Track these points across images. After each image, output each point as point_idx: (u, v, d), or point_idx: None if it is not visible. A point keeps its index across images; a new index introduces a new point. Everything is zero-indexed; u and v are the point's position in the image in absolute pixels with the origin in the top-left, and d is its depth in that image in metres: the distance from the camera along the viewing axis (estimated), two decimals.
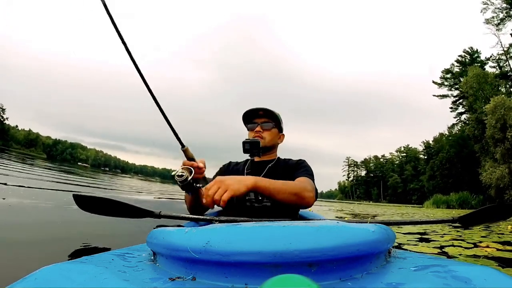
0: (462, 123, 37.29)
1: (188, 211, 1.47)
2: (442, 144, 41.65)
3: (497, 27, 28.82)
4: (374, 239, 0.69)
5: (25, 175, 7.00)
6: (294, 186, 1.19)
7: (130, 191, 8.12)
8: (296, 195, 1.16)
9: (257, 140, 1.35)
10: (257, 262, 0.59)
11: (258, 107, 1.55)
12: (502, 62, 30.08)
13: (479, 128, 26.29)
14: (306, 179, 1.32)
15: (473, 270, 0.61)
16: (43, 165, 16.40)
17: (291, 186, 1.17)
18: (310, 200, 1.21)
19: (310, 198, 1.20)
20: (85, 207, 1.31)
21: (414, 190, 61.67)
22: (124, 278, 0.60)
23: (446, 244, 2.82)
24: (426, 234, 3.58)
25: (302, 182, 1.28)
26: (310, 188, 1.23)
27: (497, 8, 28.31)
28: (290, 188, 1.16)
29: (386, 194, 76.68)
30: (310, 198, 1.20)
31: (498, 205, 1.13)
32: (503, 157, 22.31)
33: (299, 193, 1.17)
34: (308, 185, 1.24)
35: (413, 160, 68.96)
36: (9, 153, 27.96)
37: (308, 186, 1.24)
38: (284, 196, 1.13)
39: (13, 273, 1.02)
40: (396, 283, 0.60)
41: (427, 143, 58.06)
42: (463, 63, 36.61)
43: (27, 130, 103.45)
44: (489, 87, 27.02)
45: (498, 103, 22.05)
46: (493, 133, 22.71)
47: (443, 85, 38.35)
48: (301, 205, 1.22)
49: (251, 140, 1.35)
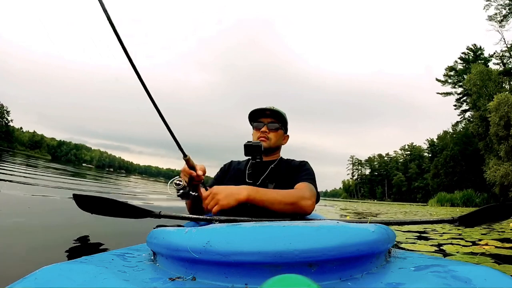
0: (466, 120, 37.02)
1: (189, 212, 1.47)
2: (447, 142, 41.39)
3: (500, 24, 28.61)
4: (374, 239, 0.69)
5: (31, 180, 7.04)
6: (291, 196, 1.17)
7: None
8: (292, 204, 1.14)
9: (259, 143, 1.33)
10: (257, 262, 0.59)
11: (266, 106, 1.53)
12: (506, 58, 29.86)
13: (483, 126, 26.10)
14: (306, 185, 1.29)
15: (473, 270, 0.61)
16: (46, 165, 16.50)
17: (288, 196, 1.15)
18: (307, 209, 1.18)
19: (307, 206, 1.18)
20: (85, 207, 1.32)
21: (419, 188, 61.32)
22: (124, 278, 0.61)
23: (444, 242, 2.81)
24: (426, 232, 3.58)
25: (301, 189, 1.25)
26: (308, 196, 1.20)
27: (500, 5, 28.11)
28: (286, 198, 1.14)
29: (391, 192, 76.28)
30: (307, 207, 1.18)
31: (498, 205, 1.13)
32: (507, 155, 22.15)
33: (296, 202, 1.15)
34: (307, 192, 1.22)
35: (417, 158, 68.68)
36: (14, 155, 28.17)
37: (306, 193, 1.21)
38: (280, 207, 1.12)
39: (13, 273, 1.03)
40: (396, 283, 0.60)
41: (431, 141, 57.93)
42: (466, 60, 36.35)
43: (31, 132, 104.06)
44: (493, 84, 26.81)
45: (501, 100, 21.90)
46: (497, 131, 22.57)
47: (446, 82, 38.11)
48: (298, 213, 1.19)
49: (253, 143, 1.33)
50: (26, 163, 14.62)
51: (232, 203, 1.06)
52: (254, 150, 1.32)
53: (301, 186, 1.28)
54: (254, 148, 1.32)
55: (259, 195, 1.10)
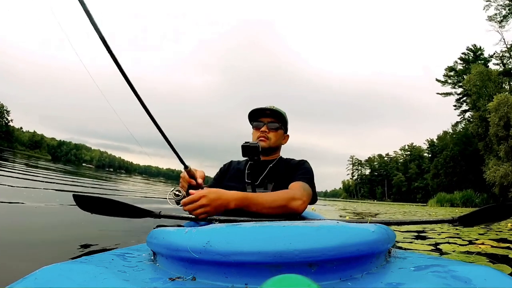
0: (466, 121, 36.99)
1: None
2: (446, 142, 41.31)
3: (500, 24, 28.59)
4: (374, 239, 0.69)
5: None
6: (280, 198, 1.16)
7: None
8: (282, 207, 1.14)
9: (257, 144, 1.32)
10: (257, 262, 0.59)
11: (266, 106, 1.52)
12: (506, 59, 29.84)
13: (483, 126, 26.06)
14: (299, 184, 1.29)
15: (473, 270, 0.61)
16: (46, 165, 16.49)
17: (277, 199, 1.15)
18: (298, 209, 1.18)
19: (297, 206, 1.17)
20: (85, 207, 1.32)
21: (419, 189, 61.23)
22: (124, 278, 0.61)
23: (441, 242, 2.83)
24: (424, 232, 3.60)
25: (292, 190, 1.25)
26: (299, 196, 1.20)
27: (500, 5, 28.10)
28: (275, 202, 1.14)
29: (391, 193, 76.17)
30: (298, 207, 1.17)
31: (498, 205, 1.13)
32: (507, 155, 22.13)
33: (286, 205, 1.15)
34: (298, 193, 1.21)
35: (417, 159, 68.54)
36: (14, 155, 28.14)
37: (297, 194, 1.20)
38: (270, 211, 1.13)
39: (13, 273, 1.03)
40: (396, 283, 0.60)
41: (431, 141, 57.87)
42: (466, 60, 36.31)
43: (31, 132, 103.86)
44: (493, 85, 26.80)
45: (501, 101, 21.88)
46: (496, 131, 22.54)
47: (446, 83, 38.07)
48: (290, 214, 1.18)
49: (250, 144, 1.32)
50: (27, 163, 14.59)
51: (220, 210, 1.09)
52: (251, 151, 1.31)
53: (295, 186, 1.28)
54: (251, 149, 1.31)
55: (247, 202, 1.11)
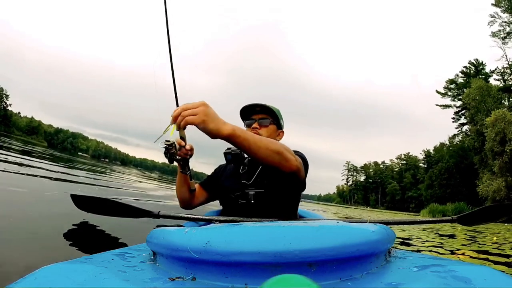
0: (463, 134, 37.22)
1: (178, 199, 1.46)
2: (442, 154, 41.49)
3: (503, 41, 28.80)
4: (374, 239, 0.69)
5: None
6: (276, 144, 1.05)
7: None
8: (279, 154, 1.03)
9: (238, 151, 1.30)
10: (257, 262, 0.59)
11: (256, 103, 1.48)
12: (507, 75, 30.06)
13: (479, 140, 26.24)
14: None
15: (473, 270, 0.61)
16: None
17: (274, 143, 1.04)
18: (293, 164, 1.08)
19: (293, 161, 1.08)
20: (83, 207, 1.31)
21: (412, 198, 61.56)
22: (124, 278, 0.61)
23: (423, 250, 2.87)
24: (410, 239, 3.64)
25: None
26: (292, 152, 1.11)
27: (505, 22, 28.30)
28: (272, 145, 1.02)
29: (384, 200, 76.45)
30: (293, 161, 1.08)
31: (497, 205, 1.15)
32: (500, 170, 22.25)
33: (282, 152, 1.04)
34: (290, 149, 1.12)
35: (412, 168, 68.80)
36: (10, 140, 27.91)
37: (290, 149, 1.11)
38: (266, 153, 1.00)
39: (13, 273, 1.03)
40: (396, 283, 0.60)
41: (427, 152, 58.04)
42: (467, 74, 36.52)
43: (29, 118, 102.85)
44: (492, 100, 26.95)
45: (499, 117, 21.99)
46: (492, 146, 22.68)
47: (446, 95, 38.28)
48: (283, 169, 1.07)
49: (232, 151, 1.29)
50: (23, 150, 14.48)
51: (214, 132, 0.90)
52: (234, 158, 1.30)
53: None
54: (234, 156, 1.29)
55: (243, 133, 0.96)
